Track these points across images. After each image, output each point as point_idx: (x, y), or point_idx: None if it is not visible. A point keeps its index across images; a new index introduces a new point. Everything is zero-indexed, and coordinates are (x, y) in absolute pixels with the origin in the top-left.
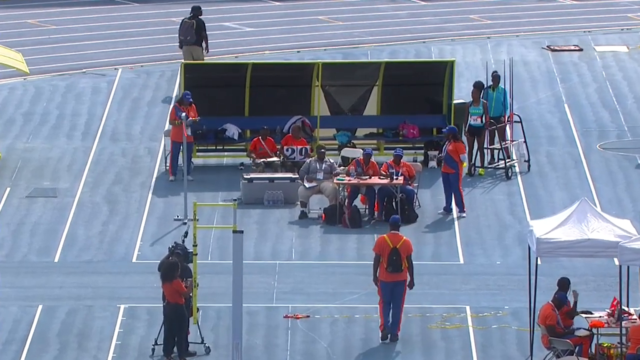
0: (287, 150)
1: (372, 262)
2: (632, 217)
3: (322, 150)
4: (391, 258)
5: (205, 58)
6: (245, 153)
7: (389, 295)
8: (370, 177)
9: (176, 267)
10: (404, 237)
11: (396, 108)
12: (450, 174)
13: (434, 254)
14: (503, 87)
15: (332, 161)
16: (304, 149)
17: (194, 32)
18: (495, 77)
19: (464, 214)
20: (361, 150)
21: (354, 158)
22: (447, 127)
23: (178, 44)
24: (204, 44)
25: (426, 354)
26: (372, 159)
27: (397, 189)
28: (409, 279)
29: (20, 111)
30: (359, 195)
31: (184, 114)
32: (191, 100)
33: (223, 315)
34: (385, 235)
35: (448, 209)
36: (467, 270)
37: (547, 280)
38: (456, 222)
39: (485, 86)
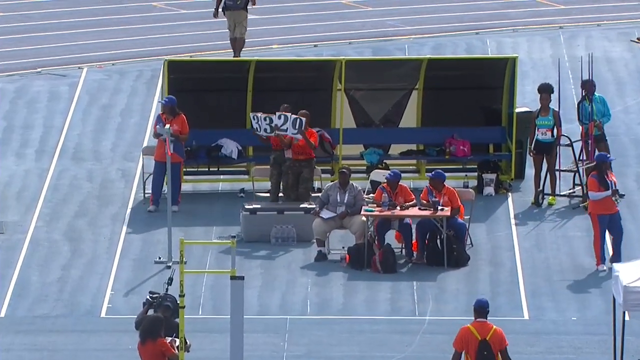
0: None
1: None
2: None
3: (346, 172)
4: (480, 354)
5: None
6: (247, 176)
7: None
8: (403, 207)
9: (161, 323)
10: (494, 326)
11: (442, 118)
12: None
13: (491, 307)
14: (600, 95)
15: (358, 188)
16: (298, 120)
17: None
18: (590, 85)
19: None
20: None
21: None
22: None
23: (214, 9)
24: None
25: None
26: (407, 183)
27: (443, 223)
28: None
29: None
30: (393, 231)
31: (167, 126)
32: (174, 106)
33: None
34: (468, 325)
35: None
36: (534, 329)
37: (636, 341)
38: (519, 267)
39: (582, 95)
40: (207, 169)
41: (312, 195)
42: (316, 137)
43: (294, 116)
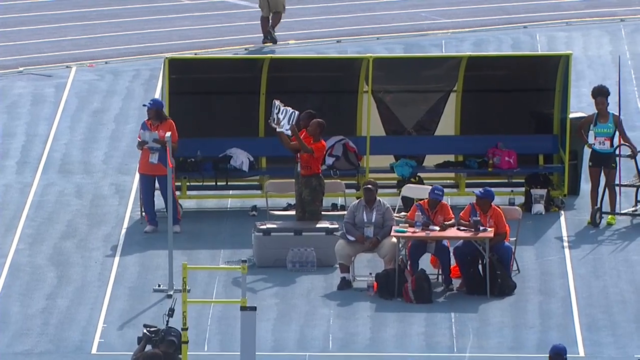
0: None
1: None
2: None
3: (372, 187)
4: None
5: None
6: (260, 192)
7: None
8: (442, 227)
9: None
10: None
11: (484, 125)
12: None
13: (541, 342)
14: None
15: (386, 205)
16: (294, 114)
17: None
18: None
19: None
20: (430, 187)
21: (420, 200)
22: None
23: None
24: None
25: None
26: (446, 201)
27: (486, 246)
28: None
29: None
30: (428, 255)
31: (148, 132)
32: (160, 109)
33: None
34: None
35: None
36: None
37: None
38: (573, 297)
39: None
40: (213, 183)
41: (334, 213)
42: (322, 148)
43: (290, 109)
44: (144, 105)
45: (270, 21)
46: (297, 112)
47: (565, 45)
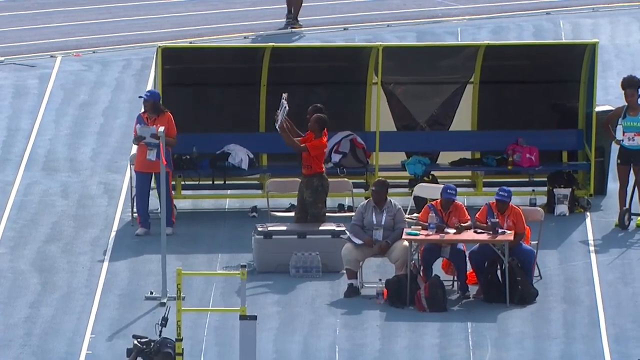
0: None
1: None
2: None
3: (382, 186)
4: None
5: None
6: (260, 192)
7: None
8: (459, 228)
9: None
10: None
11: (503, 119)
12: None
13: (565, 355)
14: None
15: (397, 206)
16: (285, 109)
17: None
18: None
19: None
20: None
21: (433, 200)
22: None
23: None
24: None
25: None
26: (459, 200)
27: (505, 250)
28: None
29: None
30: (441, 259)
31: (162, 128)
32: (158, 102)
33: None
34: None
35: None
36: None
37: None
38: (600, 305)
39: None
40: (210, 182)
41: (340, 215)
42: (321, 146)
43: (284, 103)
44: (140, 97)
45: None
46: (285, 105)
47: (592, 33)
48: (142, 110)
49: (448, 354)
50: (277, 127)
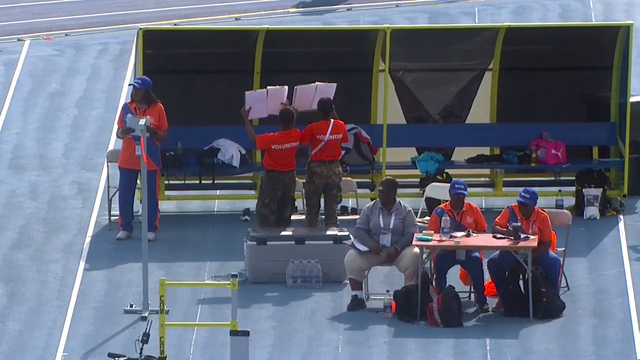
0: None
1: None
2: None
3: (389, 186)
4: None
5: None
6: (253, 192)
7: None
8: (469, 234)
9: None
10: None
11: (525, 111)
12: None
13: None
14: None
15: (407, 208)
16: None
17: None
18: None
19: None
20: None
21: (446, 201)
22: None
23: None
24: None
25: None
26: (477, 202)
27: (528, 258)
28: None
29: None
30: (456, 268)
31: (135, 117)
32: (150, 91)
33: None
34: None
35: None
36: None
37: None
38: (634, 319)
39: None
40: (197, 182)
41: (343, 218)
42: (265, 139)
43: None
44: (130, 84)
45: None
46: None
47: (625, 14)
48: (130, 99)
49: None
50: (241, 111)
